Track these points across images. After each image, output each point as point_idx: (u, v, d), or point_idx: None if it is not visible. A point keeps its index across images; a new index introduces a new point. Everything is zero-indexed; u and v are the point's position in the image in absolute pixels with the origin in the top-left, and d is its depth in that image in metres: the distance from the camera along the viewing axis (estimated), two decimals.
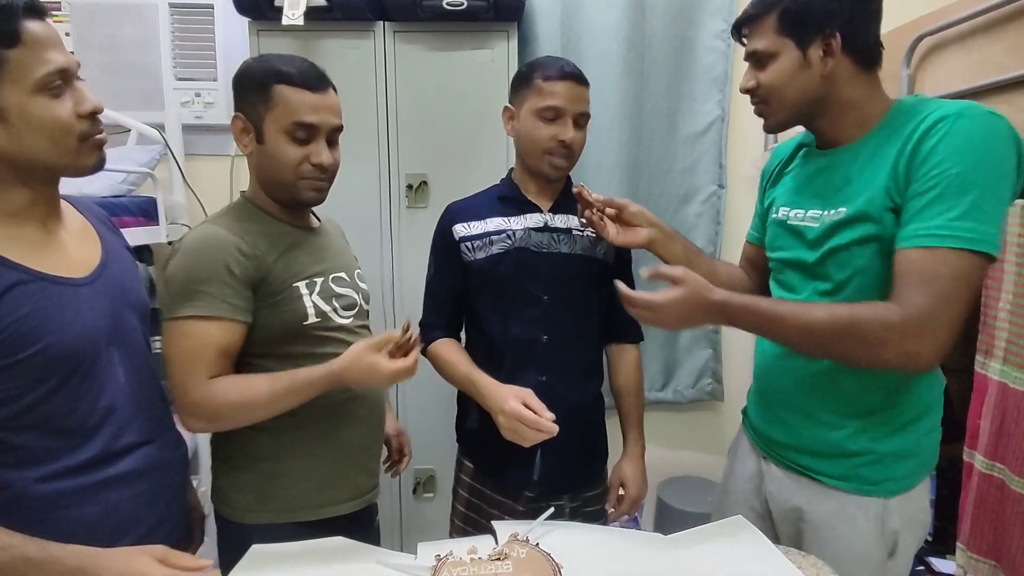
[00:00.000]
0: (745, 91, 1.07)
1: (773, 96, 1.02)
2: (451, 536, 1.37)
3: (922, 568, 1.61)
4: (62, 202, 0.92)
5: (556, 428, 1.07)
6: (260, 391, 1.00)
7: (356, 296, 1.20)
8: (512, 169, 1.37)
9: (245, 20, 1.81)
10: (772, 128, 1.08)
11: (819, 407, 1.05)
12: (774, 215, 1.15)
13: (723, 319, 0.99)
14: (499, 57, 1.83)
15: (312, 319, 1.09)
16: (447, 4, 1.70)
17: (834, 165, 1.03)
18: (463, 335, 1.38)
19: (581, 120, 1.24)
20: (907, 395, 1.01)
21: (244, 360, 1.07)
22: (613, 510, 1.37)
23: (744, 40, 1.07)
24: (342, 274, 1.18)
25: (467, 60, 1.84)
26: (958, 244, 0.85)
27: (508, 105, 1.30)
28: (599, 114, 2.02)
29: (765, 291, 1.20)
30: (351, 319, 1.16)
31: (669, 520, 2.15)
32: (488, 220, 1.29)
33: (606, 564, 0.94)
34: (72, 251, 0.89)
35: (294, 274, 1.09)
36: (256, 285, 1.05)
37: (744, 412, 1.28)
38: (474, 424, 1.22)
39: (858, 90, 0.99)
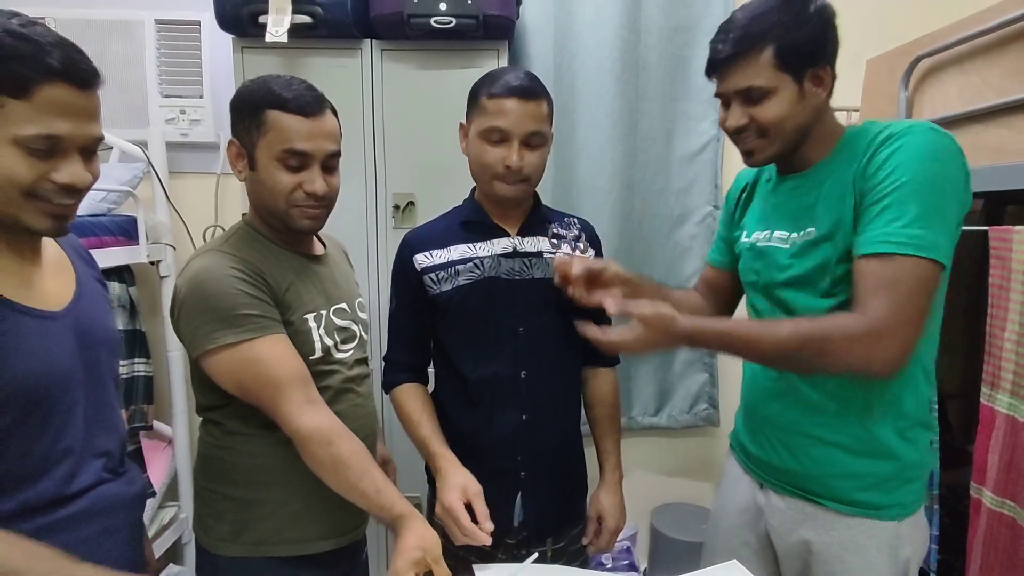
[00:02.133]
0: (735, 129, 1.03)
1: (774, 130, 1.00)
2: None
3: None
4: None
5: (489, 540, 1.02)
6: (354, 464, 0.98)
7: (356, 328, 1.16)
8: (474, 189, 1.28)
9: (231, 37, 1.78)
10: (761, 162, 1.07)
11: (815, 424, 1.03)
12: (744, 240, 1.15)
13: (692, 345, 1.04)
14: None
15: (317, 354, 1.06)
16: (435, 22, 1.67)
17: (801, 188, 1.05)
18: (432, 370, 1.30)
19: (533, 140, 1.12)
20: (890, 409, 1.00)
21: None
22: (590, 544, 1.27)
23: (719, 78, 1.02)
24: (343, 305, 1.14)
25: (456, 79, 1.80)
26: (911, 251, 0.88)
27: (462, 122, 1.19)
28: (592, 134, 1.99)
29: (721, 313, 1.27)
30: (350, 352, 1.13)
31: (662, 549, 2.09)
32: (452, 248, 1.19)
33: None
34: (46, 283, 0.84)
35: (301, 305, 1.06)
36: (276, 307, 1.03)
37: (732, 437, 1.23)
38: None
39: (826, 116, 1.03)
